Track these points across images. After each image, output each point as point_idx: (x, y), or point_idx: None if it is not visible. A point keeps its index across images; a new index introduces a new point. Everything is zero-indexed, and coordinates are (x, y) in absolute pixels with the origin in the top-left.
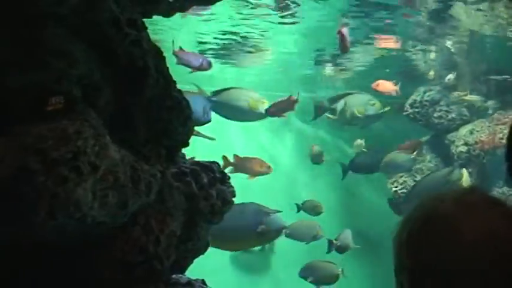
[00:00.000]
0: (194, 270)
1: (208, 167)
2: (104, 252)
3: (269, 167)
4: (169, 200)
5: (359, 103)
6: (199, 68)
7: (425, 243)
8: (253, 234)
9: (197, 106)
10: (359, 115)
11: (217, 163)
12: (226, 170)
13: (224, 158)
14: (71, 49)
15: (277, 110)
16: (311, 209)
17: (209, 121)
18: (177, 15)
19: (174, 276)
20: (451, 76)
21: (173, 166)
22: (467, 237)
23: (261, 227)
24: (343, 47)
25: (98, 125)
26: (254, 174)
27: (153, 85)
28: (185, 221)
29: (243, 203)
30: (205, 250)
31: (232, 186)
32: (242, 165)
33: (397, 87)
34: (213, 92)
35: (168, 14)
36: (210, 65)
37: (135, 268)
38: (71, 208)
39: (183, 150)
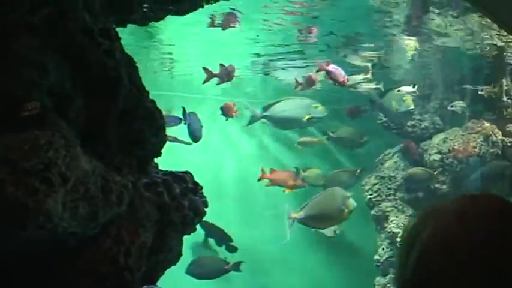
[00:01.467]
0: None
1: (181, 177)
2: (75, 263)
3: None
4: (140, 211)
5: (299, 107)
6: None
7: (428, 254)
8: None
9: (196, 124)
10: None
11: (190, 173)
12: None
13: (262, 170)
14: (42, 59)
15: None
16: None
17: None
18: None
19: (145, 287)
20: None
21: (145, 176)
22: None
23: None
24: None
25: (69, 136)
26: (290, 187)
27: (125, 95)
28: (157, 231)
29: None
30: (177, 261)
31: (204, 197)
32: (278, 178)
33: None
34: (265, 106)
35: (143, 23)
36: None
37: (106, 279)
38: (41, 219)
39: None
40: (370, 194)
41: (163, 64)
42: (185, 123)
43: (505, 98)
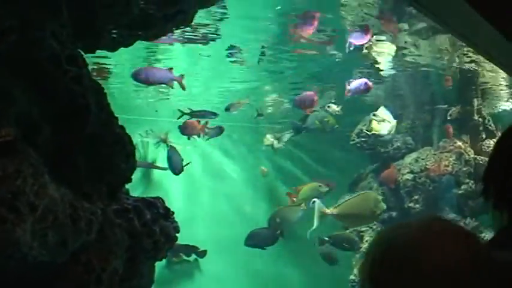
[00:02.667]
0: None
1: (152, 203)
2: None
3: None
4: (111, 238)
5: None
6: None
7: (387, 271)
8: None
9: (176, 158)
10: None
11: (161, 199)
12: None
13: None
14: (9, 87)
15: None
16: None
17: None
18: None
19: None
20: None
21: (115, 203)
22: (427, 266)
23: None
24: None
25: (37, 164)
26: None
27: (93, 122)
28: (128, 258)
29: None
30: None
31: (176, 222)
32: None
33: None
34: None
35: (112, 48)
36: None
37: None
38: (10, 249)
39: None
40: None
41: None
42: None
43: (476, 117)
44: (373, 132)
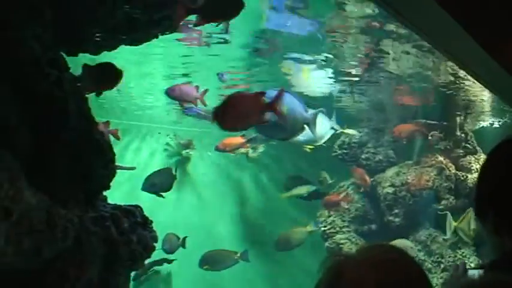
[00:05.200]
0: None
1: (130, 211)
2: None
3: None
4: (86, 246)
5: None
6: None
7: None
8: None
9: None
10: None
11: (140, 207)
12: None
13: None
14: None
15: None
16: None
17: None
18: None
19: None
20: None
21: (92, 210)
22: None
23: None
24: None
25: (13, 168)
26: None
27: (73, 127)
28: (103, 267)
29: None
30: None
31: (154, 231)
32: None
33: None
34: None
35: (95, 52)
36: None
37: None
38: None
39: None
40: (325, 226)
41: None
42: None
43: (458, 132)
44: None
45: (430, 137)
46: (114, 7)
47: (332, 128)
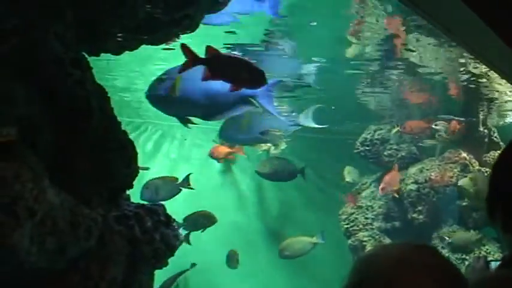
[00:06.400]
0: None
1: (153, 210)
2: None
3: None
4: (110, 245)
5: None
6: None
7: None
8: None
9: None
10: None
11: (163, 206)
12: None
13: None
14: (11, 89)
15: None
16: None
17: None
18: None
19: None
20: None
21: (116, 209)
22: None
23: None
24: None
25: (37, 168)
26: None
27: (96, 126)
28: (127, 266)
29: None
30: None
31: (177, 230)
32: None
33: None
34: None
35: (117, 52)
36: None
37: None
38: (5, 254)
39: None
40: (347, 224)
41: None
42: None
43: (481, 128)
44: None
45: (434, 126)
46: (135, 7)
47: (299, 123)
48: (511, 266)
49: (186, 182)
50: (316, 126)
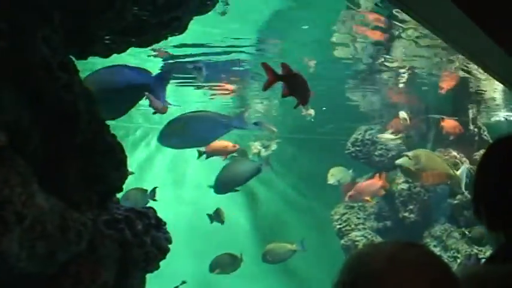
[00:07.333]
0: None
1: (143, 213)
2: None
3: None
4: (101, 249)
5: None
6: None
7: None
8: None
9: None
10: None
11: (153, 209)
12: None
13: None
14: None
15: None
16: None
17: None
18: None
19: None
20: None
21: (106, 213)
22: None
23: None
24: None
25: (25, 172)
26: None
27: (84, 130)
28: (118, 270)
29: None
30: None
31: (168, 233)
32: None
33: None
34: None
35: (105, 55)
36: None
37: None
38: None
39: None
40: (340, 224)
41: None
42: None
43: (471, 127)
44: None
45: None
46: (123, 9)
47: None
48: (497, 261)
49: (152, 195)
50: (251, 128)
